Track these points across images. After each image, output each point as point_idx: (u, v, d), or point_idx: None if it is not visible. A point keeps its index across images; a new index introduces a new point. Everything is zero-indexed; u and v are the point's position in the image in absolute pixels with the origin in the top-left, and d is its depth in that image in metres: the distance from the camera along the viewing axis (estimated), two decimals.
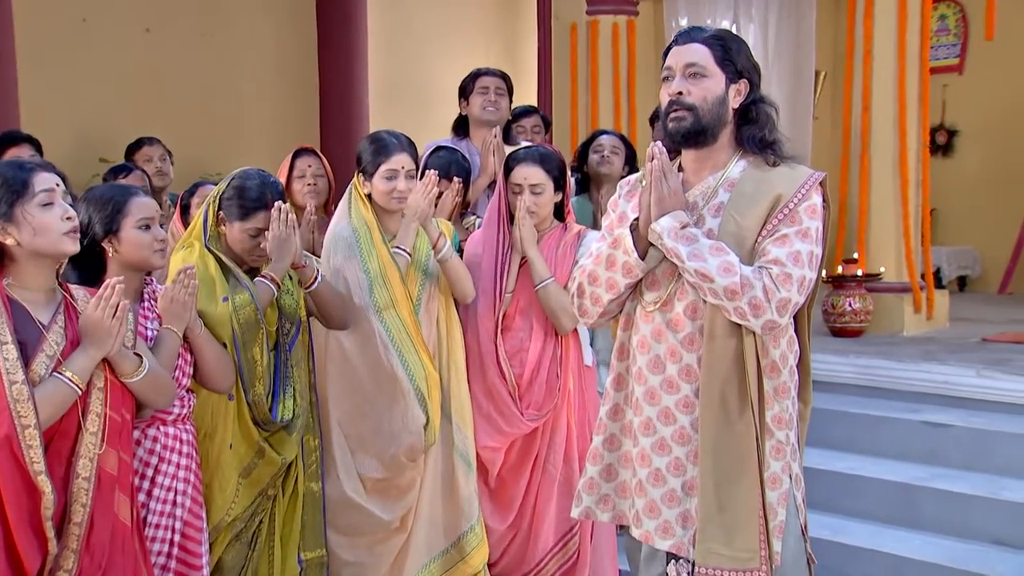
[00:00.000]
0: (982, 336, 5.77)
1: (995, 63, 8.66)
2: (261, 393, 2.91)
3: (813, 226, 2.32)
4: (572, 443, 3.60)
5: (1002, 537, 3.86)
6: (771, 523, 2.32)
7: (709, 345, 2.34)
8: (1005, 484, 4.04)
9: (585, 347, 3.70)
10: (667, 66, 2.46)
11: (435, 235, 3.38)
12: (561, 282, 3.52)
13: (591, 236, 3.63)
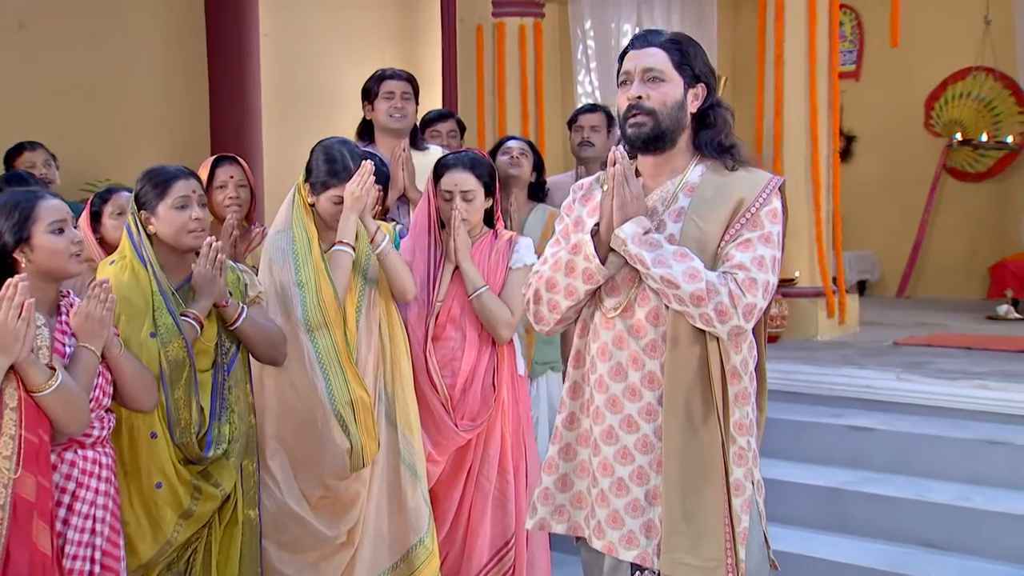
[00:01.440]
0: (893, 340, 5.98)
1: (890, 70, 8.99)
2: (191, 434, 2.81)
3: (775, 230, 2.35)
4: (507, 455, 3.59)
5: (930, 539, 3.98)
6: (736, 530, 2.34)
7: (672, 352, 2.35)
8: (930, 486, 4.17)
9: (519, 356, 3.70)
10: (625, 70, 2.46)
11: (373, 228, 3.32)
12: (495, 290, 3.53)
13: (523, 242, 3.65)
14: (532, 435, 3.75)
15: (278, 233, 3.35)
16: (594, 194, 2.56)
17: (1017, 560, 3.81)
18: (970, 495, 4.06)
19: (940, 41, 8.57)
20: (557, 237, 2.60)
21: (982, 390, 4.54)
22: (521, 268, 3.59)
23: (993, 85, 8.79)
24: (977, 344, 5.76)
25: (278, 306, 3.27)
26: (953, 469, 4.22)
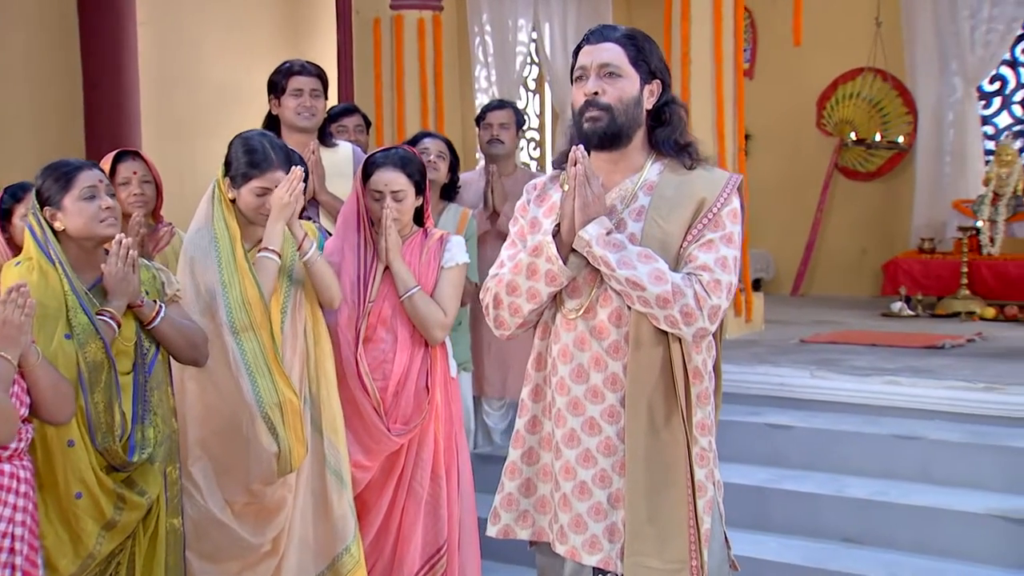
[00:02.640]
0: (800, 338, 6.17)
1: (782, 69, 9.27)
2: (114, 438, 2.73)
3: (736, 230, 2.41)
4: (439, 459, 3.60)
5: (850, 534, 4.14)
6: (701, 531, 2.39)
7: (635, 353, 2.38)
8: (848, 482, 4.33)
9: (450, 357, 3.71)
10: (580, 65, 2.48)
11: (300, 235, 3.28)
12: (427, 290, 3.53)
13: (455, 241, 3.65)
14: (464, 438, 3.77)
15: (199, 231, 3.27)
16: (549, 194, 2.58)
17: (933, 552, 4.00)
18: (886, 490, 4.23)
19: (832, 42, 8.89)
20: (513, 239, 2.61)
21: (894, 386, 4.74)
22: (454, 268, 3.60)
23: (882, 86, 9.15)
24: (881, 341, 6.00)
25: (201, 307, 3.20)
26: (869, 465, 4.39)
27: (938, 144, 8.83)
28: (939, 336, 6.10)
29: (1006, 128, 9.08)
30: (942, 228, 8.43)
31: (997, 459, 4.21)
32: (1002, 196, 7.78)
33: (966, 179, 8.61)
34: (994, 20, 8.61)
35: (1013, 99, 9.14)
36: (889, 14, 8.80)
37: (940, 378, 4.79)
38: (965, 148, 8.69)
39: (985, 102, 9.08)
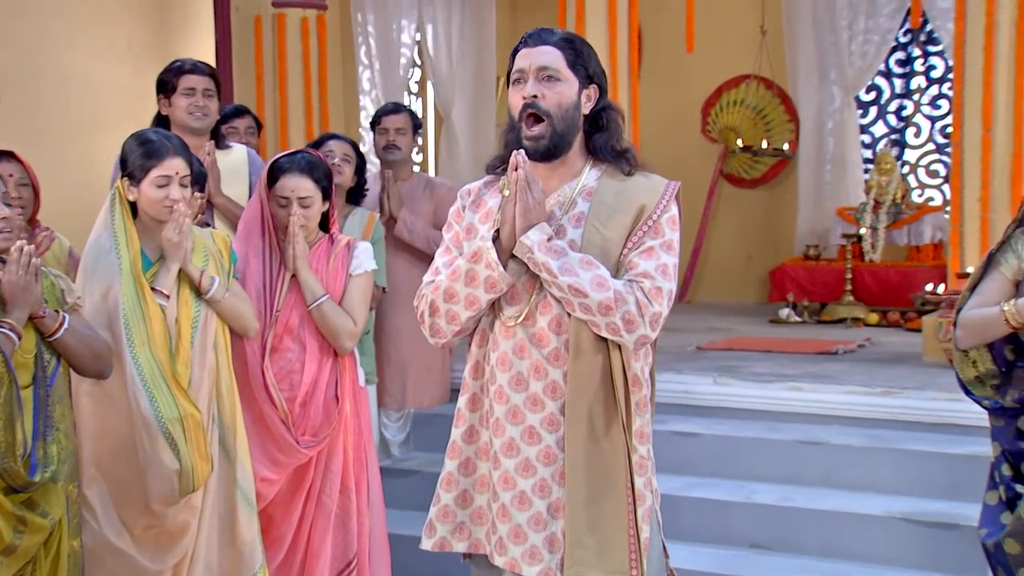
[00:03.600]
0: (696, 344, 6.30)
1: (668, 75, 9.45)
2: (14, 457, 2.59)
3: (675, 237, 2.45)
4: (348, 471, 3.58)
5: (759, 540, 4.24)
6: (641, 540, 2.41)
7: (575, 361, 2.39)
8: (754, 488, 4.44)
9: (359, 366, 3.68)
10: (518, 68, 2.48)
11: (197, 275, 3.19)
12: (335, 298, 3.49)
13: (363, 247, 3.63)
14: (373, 449, 3.75)
15: (98, 238, 3.16)
16: (485, 200, 2.58)
17: (840, 556, 4.12)
18: (792, 495, 4.35)
19: (717, 49, 9.10)
20: (447, 246, 2.59)
21: (796, 392, 4.88)
22: (362, 274, 3.58)
23: (765, 93, 9.42)
24: (776, 347, 6.17)
25: (99, 318, 3.08)
26: (774, 470, 4.51)
27: (819, 152, 9.13)
28: (831, 342, 6.31)
29: (882, 136, 9.47)
30: (826, 235, 8.73)
31: (896, 462, 4.37)
32: (883, 204, 8.09)
33: (847, 186, 8.93)
34: (870, 31, 8.97)
35: (888, 109, 9.54)
36: (774, 22, 9.08)
37: (839, 383, 4.95)
38: (845, 156, 9.01)
39: (862, 111, 9.45)
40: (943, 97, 9.31)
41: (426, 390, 5.21)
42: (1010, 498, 2.92)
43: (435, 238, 5.09)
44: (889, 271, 7.89)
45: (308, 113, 7.44)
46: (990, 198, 5.47)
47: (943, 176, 9.26)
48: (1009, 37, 5.51)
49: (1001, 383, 3.00)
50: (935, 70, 9.36)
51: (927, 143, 9.38)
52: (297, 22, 7.43)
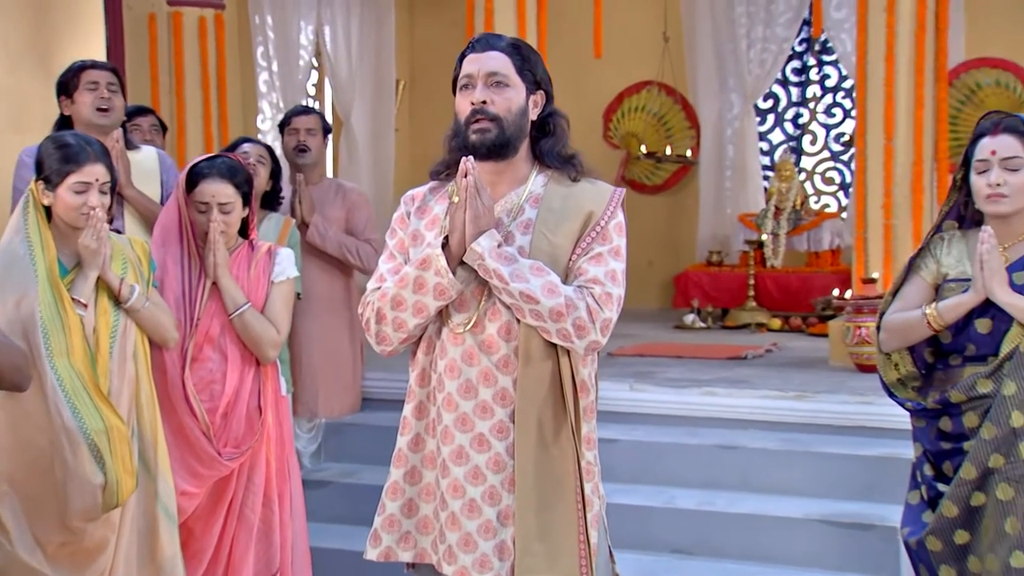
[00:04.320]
0: (607, 351, 6.39)
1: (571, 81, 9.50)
2: None
3: (622, 243, 2.50)
4: (271, 482, 3.55)
5: (681, 545, 4.34)
6: (591, 545, 2.46)
7: (525, 368, 2.42)
8: (675, 493, 4.54)
9: (281, 375, 3.66)
10: (466, 73, 2.51)
11: (117, 283, 3.13)
12: (257, 306, 3.47)
13: (284, 254, 3.61)
14: (295, 459, 3.73)
15: (10, 243, 3.07)
16: (430, 206, 2.59)
17: (760, 559, 4.24)
18: (712, 500, 4.46)
19: (620, 55, 9.25)
20: (391, 252, 2.60)
21: (711, 397, 5.00)
22: (284, 282, 3.56)
23: (665, 100, 9.61)
24: (686, 353, 6.31)
25: (13, 328, 2.98)
26: (694, 475, 4.61)
27: (719, 159, 9.36)
28: (740, 347, 6.48)
29: (780, 144, 9.74)
30: (727, 241, 8.95)
31: (812, 465, 4.52)
32: (783, 210, 8.34)
33: (747, 193, 9.17)
34: (768, 40, 9.23)
35: (785, 116, 9.83)
36: (677, 29, 9.27)
37: (753, 388, 5.09)
38: (745, 163, 9.26)
39: (760, 119, 9.72)
40: (838, 105, 9.65)
41: (338, 399, 5.19)
42: (932, 497, 3.03)
43: (347, 244, 5.08)
44: (790, 277, 8.12)
45: (207, 116, 7.33)
46: (892, 205, 5.69)
47: (839, 183, 9.59)
48: (908, 48, 5.75)
49: (922, 385, 3.12)
50: (830, 79, 9.68)
51: (823, 151, 9.69)
52: (194, 21, 7.32)
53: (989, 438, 2.86)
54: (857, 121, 5.92)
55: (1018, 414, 2.84)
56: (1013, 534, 2.84)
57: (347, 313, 5.22)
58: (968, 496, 2.91)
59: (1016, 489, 2.84)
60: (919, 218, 5.68)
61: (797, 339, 7.24)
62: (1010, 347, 2.88)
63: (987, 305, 2.90)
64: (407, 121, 10.35)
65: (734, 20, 9.22)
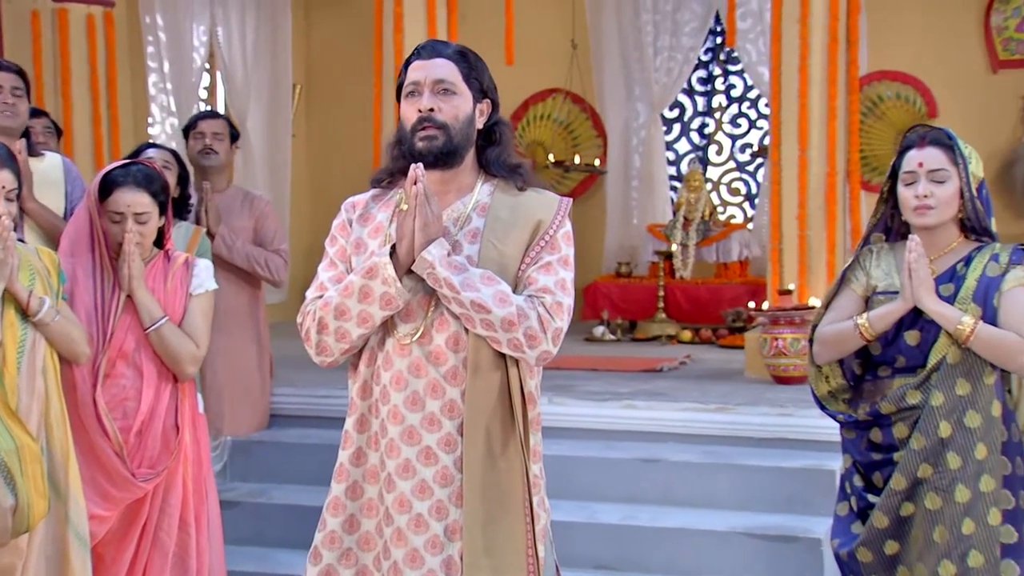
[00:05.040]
0: None
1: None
2: None
3: (571, 253, 2.56)
4: (188, 505, 3.50)
5: (603, 561, 4.39)
6: (539, 559, 2.50)
7: (474, 379, 2.46)
8: (597, 508, 4.59)
9: (198, 392, 3.63)
10: (413, 81, 2.53)
11: (25, 296, 3.06)
12: (175, 320, 3.42)
13: (203, 265, 3.58)
14: (213, 480, 3.68)
15: None
16: (373, 213, 2.61)
17: (684, 573, 4.32)
18: (635, 514, 4.53)
19: (528, 62, 9.31)
20: (332, 260, 2.60)
21: (631, 410, 5.07)
22: (203, 294, 3.53)
23: (572, 108, 9.73)
24: (601, 366, 6.39)
25: None
26: (615, 490, 4.68)
27: (626, 168, 9.52)
28: (655, 359, 6.59)
29: (686, 154, 9.95)
30: (635, 252, 9.09)
31: (733, 478, 4.62)
32: (692, 221, 8.52)
33: (654, 203, 9.34)
34: (674, 49, 9.43)
35: (691, 126, 10.04)
36: (585, 37, 9.39)
37: (673, 400, 5.18)
38: (652, 173, 9.42)
39: (666, 128, 9.90)
40: (743, 116, 9.90)
41: (244, 417, 5.16)
42: (861, 508, 3.14)
43: (256, 256, 5.04)
44: (700, 288, 8.29)
45: (95, 118, 7.15)
46: (807, 216, 5.87)
47: (744, 194, 9.83)
48: (821, 60, 5.95)
49: (852, 397, 3.23)
50: (735, 89, 9.92)
51: (729, 161, 9.92)
52: (81, 19, 7.14)
53: (918, 448, 2.98)
54: (772, 132, 6.09)
55: (945, 424, 2.97)
56: (941, 543, 2.96)
57: (255, 326, 5.18)
58: (898, 506, 3.03)
59: (944, 498, 2.96)
60: (833, 229, 5.86)
61: (709, 351, 7.40)
62: (937, 358, 3.00)
63: (915, 317, 3.02)
64: (304, 126, 10.29)
65: (640, 28, 9.39)
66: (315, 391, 5.55)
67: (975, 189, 3.05)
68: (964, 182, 3.02)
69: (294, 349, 6.76)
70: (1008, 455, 3.00)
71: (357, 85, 9.75)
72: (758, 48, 9.03)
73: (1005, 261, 3.02)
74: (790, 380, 5.62)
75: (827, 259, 5.88)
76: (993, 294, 2.98)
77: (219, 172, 5.11)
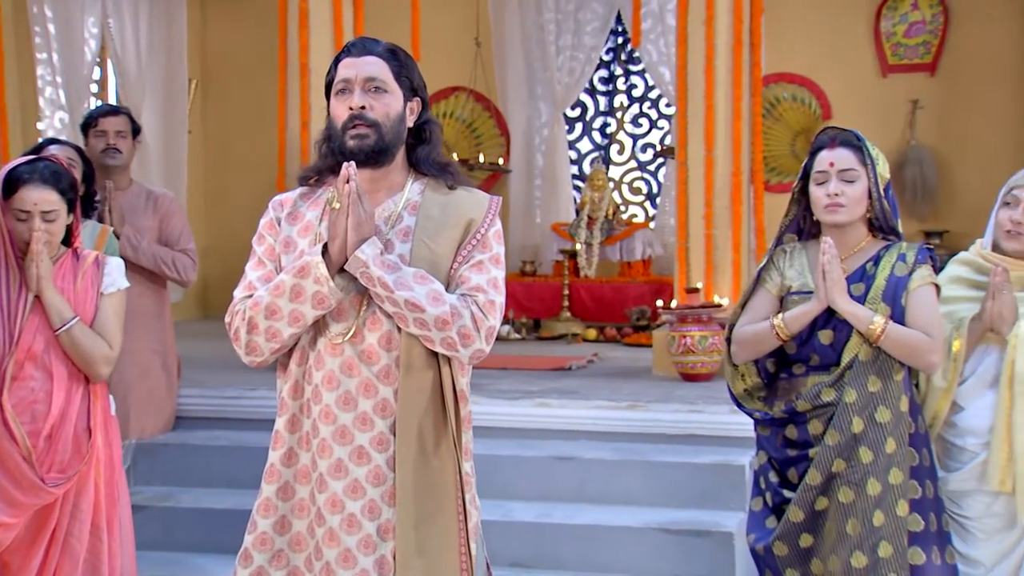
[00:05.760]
0: None
1: None
2: None
3: (502, 251, 2.59)
4: (100, 510, 3.45)
5: (519, 559, 4.43)
6: (472, 557, 2.53)
7: (406, 377, 2.47)
8: (512, 507, 4.63)
9: (110, 394, 3.56)
10: (343, 78, 2.53)
11: None
12: (86, 320, 3.37)
13: (114, 263, 3.53)
14: (125, 483, 3.63)
15: None
16: (301, 211, 2.61)
17: (600, 570, 4.38)
18: (550, 512, 4.58)
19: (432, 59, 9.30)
20: (260, 259, 2.59)
21: (545, 408, 5.13)
22: (115, 293, 3.48)
23: (475, 107, 9.77)
24: (511, 364, 6.44)
25: None
26: (530, 488, 4.72)
27: (529, 167, 9.61)
28: (564, 358, 6.67)
29: (588, 153, 10.07)
30: (538, 251, 9.17)
31: (647, 474, 4.69)
32: (596, 220, 8.63)
33: (558, 202, 9.44)
34: (576, 48, 9.55)
35: (593, 126, 10.17)
36: (489, 35, 9.43)
37: (585, 399, 5.25)
38: (555, 172, 9.53)
39: (569, 127, 10.01)
40: (644, 116, 10.05)
41: (149, 419, 5.09)
42: (777, 504, 3.24)
43: (163, 256, 4.97)
44: (604, 287, 8.41)
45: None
46: (713, 215, 6.00)
47: (646, 193, 9.99)
48: (726, 62, 6.08)
49: (767, 395, 3.34)
50: (636, 89, 10.07)
51: (630, 160, 10.07)
52: None
53: (832, 444, 3.09)
54: (678, 132, 6.20)
55: (858, 420, 3.08)
56: (854, 535, 3.08)
57: (160, 327, 5.10)
58: (813, 501, 3.13)
59: (856, 492, 3.08)
60: (738, 228, 6.00)
61: (615, 349, 7.51)
62: (850, 356, 3.12)
63: (829, 316, 3.13)
64: (200, 122, 10.15)
65: (543, 27, 9.49)
66: (222, 392, 5.49)
67: (882, 189, 3.18)
68: (872, 182, 3.15)
69: (199, 350, 6.76)
70: (915, 447, 3.13)
71: (255, 81, 9.69)
72: (659, 48, 9.19)
73: (911, 260, 3.14)
74: (698, 377, 5.74)
75: (733, 258, 6.02)
76: (901, 293, 3.11)
77: (122, 171, 5.03)
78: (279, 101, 6.52)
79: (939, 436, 3.33)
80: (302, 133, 6.39)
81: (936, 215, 8.61)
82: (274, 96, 6.70)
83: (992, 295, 3.21)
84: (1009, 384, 3.22)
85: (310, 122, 6.38)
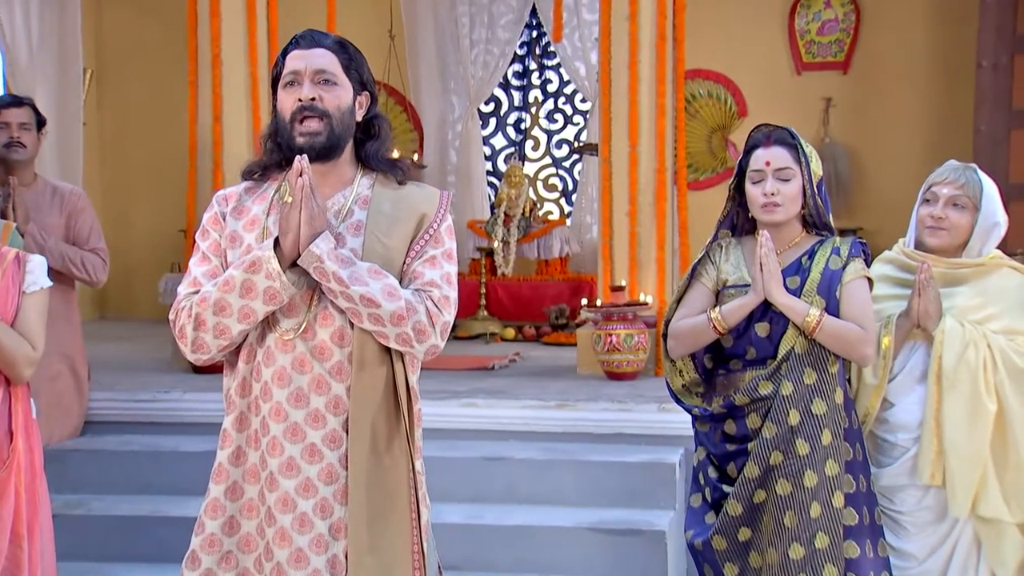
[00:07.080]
0: None
1: None
2: None
3: (453, 247, 2.63)
4: (20, 517, 3.39)
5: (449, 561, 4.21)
6: (426, 557, 2.57)
7: (359, 374, 2.50)
8: (441, 509, 4.54)
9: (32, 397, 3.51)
10: (292, 70, 2.55)
11: None
12: (7, 320, 3.32)
13: (36, 261, 3.48)
14: (46, 489, 3.58)
15: None
16: (247, 206, 2.62)
17: (533, 570, 4.44)
18: (480, 513, 4.62)
19: None
20: (204, 254, 2.60)
21: (472, 408, 5.17)
22: (38, 292, 3.43)
23: (387, 100, 9.74)
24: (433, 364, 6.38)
25: None
26: (460, 489, 4.74)
27: (443, 163, 9.64)
28: (485, 357, 6.71)
29: (503, 149, 10.14)
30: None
31: (577, 473, 4.76)
32: (513, 217, 8.70)
33: (472, 199, 9.49)
34: (490, 42, 9.61)
35: (507, 121, 10.24)
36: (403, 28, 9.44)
37: (513, 399, 5.30)
38: (470, 168, 9.58)
39: (483, 123, 10.06)
40: (559, 111, 10.16)
41: (57, 423, 5.02)
42: (716, 499, 3.34)
43: (71, 255, 4.90)
44: (522, 285, 8.49)
45: None
46: (637, 212, 6.10)
47: (561, 190, 10.09)
48: (650, 57, 6.18)
49: (705, 391, 3.44)
50: (551, 84, 10.16)
51: (545, 156, 10.16)
52: None
53: (770, 437, 3.19)
54: (601, 129, 6.27)
55: (795, 412, 3.19)
56: (791, 527, 3.18)
57: (69, 330, 5.03)
58: (751, 494, 3.23)
59: (793, 484, 3.18)
60: (662, 225, 6.10)
61: (535, 348, 7.57)
62: (786, 349, 3.22)
63: (765, 309, 3.24)
64: (95, 113, 9.99)
65: (456, 20, 9.53)
66: (134, 395, 5.43)
67: (816, 186, 3.29)
68: (807, 179, 3.25)
69: (102, 352, 6.65)
70: (849, 441, 3.25)
71: (153, 71, 9.57)
72: (574, 43, 9.31)
73: (845, 254, 3.26)
74: (624, 376, 5.84)
75: (657, 255, 6.11)
76: (836, 286, 3.22)
77: (26, 164, 4.95)
78: (190, 93, 6.45)
79: (871, 432, 3.46)
80: (214, 127, 6.32)
81: (850, 212, 8.84)
82: (177, 87, 6.63)
83: (918, 292, 3.34)
84: (937, 379, 3.36)
85: (222, 116, 6.31)
